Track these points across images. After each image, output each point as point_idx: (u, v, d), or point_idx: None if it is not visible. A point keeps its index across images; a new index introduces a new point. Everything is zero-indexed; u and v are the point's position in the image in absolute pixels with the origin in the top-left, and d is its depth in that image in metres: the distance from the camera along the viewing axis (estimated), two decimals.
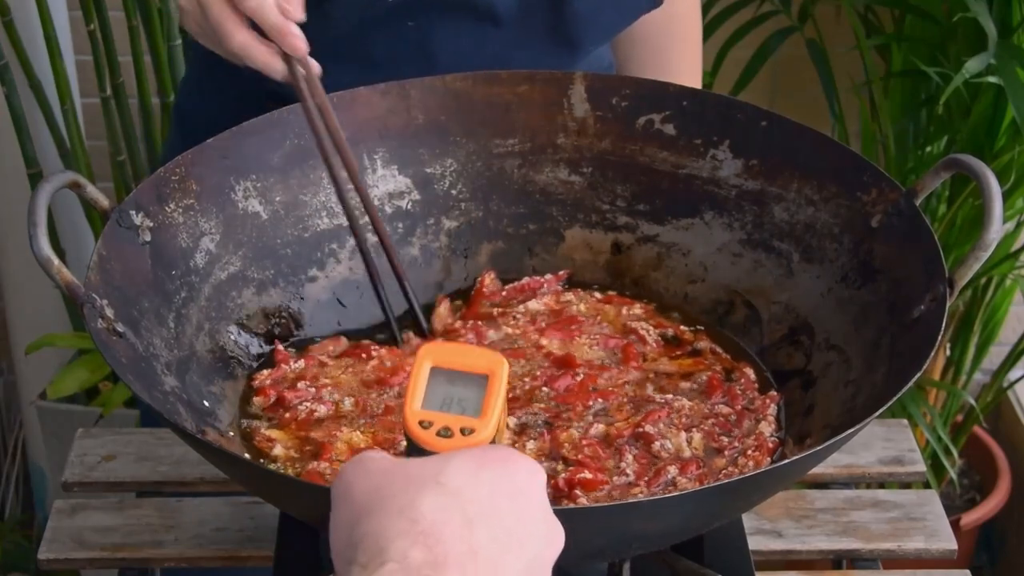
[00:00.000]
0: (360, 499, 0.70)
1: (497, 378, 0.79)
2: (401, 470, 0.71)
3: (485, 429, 0.77)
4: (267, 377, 1.08)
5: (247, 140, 1.12)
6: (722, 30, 2.01)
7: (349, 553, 0.68)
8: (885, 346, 1.02)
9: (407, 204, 1.19)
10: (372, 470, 0.71)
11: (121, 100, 2.05)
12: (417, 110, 1.18)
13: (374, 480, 0.70)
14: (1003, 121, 1.87)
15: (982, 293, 2.04)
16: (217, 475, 1.17)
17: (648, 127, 1.18)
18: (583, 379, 1.06)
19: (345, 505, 0.71)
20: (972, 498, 2.22)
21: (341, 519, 0.71)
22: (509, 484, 0.71)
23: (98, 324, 0.96)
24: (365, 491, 0.70)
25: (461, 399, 0.78)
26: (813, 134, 1.13)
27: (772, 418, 1.04)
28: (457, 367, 0.79)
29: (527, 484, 0.72)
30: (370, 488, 0.70)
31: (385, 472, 0.71)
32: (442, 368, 0.79)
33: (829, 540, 1.14)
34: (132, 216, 1.04)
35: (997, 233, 0.98)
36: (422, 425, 0.77)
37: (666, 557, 1.02)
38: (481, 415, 0.77)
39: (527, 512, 0.71)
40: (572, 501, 0.95)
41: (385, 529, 0.67)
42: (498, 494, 0.70)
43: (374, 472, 0.71)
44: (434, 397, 0.78)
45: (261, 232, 1.13)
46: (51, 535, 1.14)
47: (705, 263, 1.16)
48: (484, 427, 0.77)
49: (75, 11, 2.08)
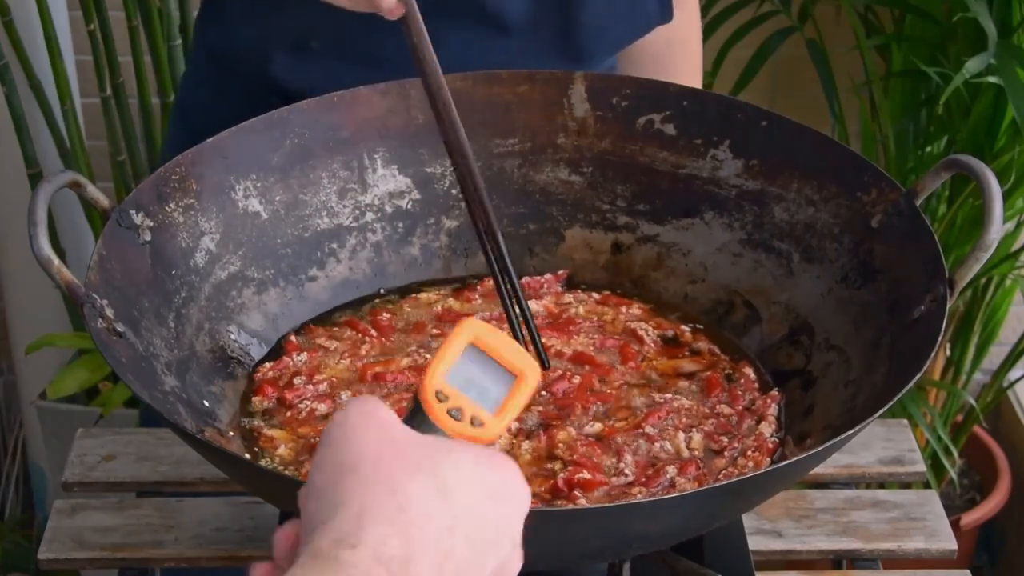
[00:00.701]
0: (355, 456, 0.68)
1: (526, 383, 0.76)
2: (404, 445, 0.69)
3: (495, 428, 0.75)
4: (269, 370, 1.08)
5: (247, 140, 1.12)
6: (722, 30, 2.01)
7: (326, 509, 0.66)
8: (885, 346, 1.02)
9: (407, 204, 1.19)
10: (379, 431, 0.69)
11: (121, 100, 2.05)
12: (417, 110, 1.18)
13: (376, 444, 0.68)
14: (1003, 121, 1.86)
15: (982, 293, 2.04)
16: (217, 475, 1.17)
17: (648, 127, 1.18)
18: (581, 381, 1.06)
19: (340, 451, 0.69)
20: (972, 498, 2.22)
21: (330, 462, 0.69)
22: (501, 494, 0.69)
23: (98, 324, 0.96)
24: (363, 451, 0.68)
25: (484, 389, 0.75)
26: (813, 134, 1.13)
27: (772, 418, 1.04)
28: (493, 355, 0.76)
29: (517, 503, 0.70)
30: (370, 451, 0.68)
31: (391, 441, 0.69)
32: (479, 349, 0.76)
33: (829, 540, 1.14)
34: (132, 216, 1.04)
35: (997, 233, 0.97)
36: (438, 396, 0.74)
37: (666, 557, 1.02)
38: (497, 413, 0.75)
39: (507, 527, 0.69)
40: (571, 501, 0.95)
41: (371, 505, 0.65)
42: (488, 500, 0.68)
43: (380, 435, 0.69)
44: (459, 374, 0.75)
45: (261, 232, 1.13)
46: (51, 535, 1.14)
47: (705, 263, 1.16)
48: (495, 426, 0.75)
49: (75, 11, 2.08)
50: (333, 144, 1.16)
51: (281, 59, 1.22)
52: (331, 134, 1.16)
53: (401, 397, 1.05)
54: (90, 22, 1.99)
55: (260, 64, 1.24)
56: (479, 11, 1.20)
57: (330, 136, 1.16)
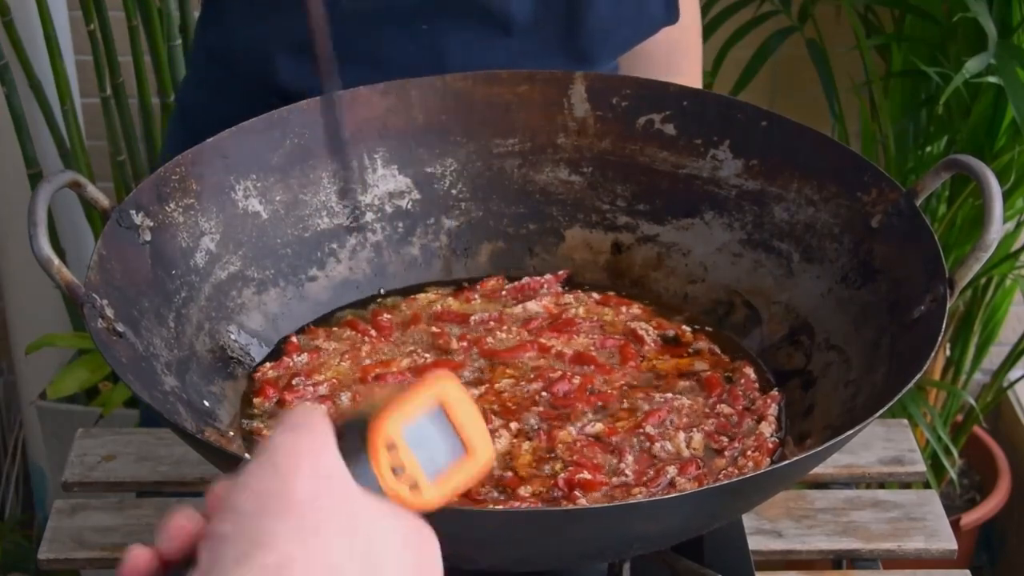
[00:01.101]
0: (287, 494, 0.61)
1: (475, 463, 0.70)
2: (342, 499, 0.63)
3: (430, 499, 0.69)
4: (269, 369, 1.08)
5: (247, 140, 1.12)
6: (722, 30, 2.01)
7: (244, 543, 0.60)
8: (885, 346, 1.02)
9: (407, 204, 1.19)
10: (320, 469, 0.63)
11: (121, 100, 2.05)
12: (417, 110, 1.18)
13: (311, 488, 0.62)
14: (1003, 121, 1.86)
15: (982, 293, 2.04)
16: (217, 475, 1.16)
17: (648, 127, 1.18)
18: (581, 381, 1.06)
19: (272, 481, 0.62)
20: (972, 498, 2.22)
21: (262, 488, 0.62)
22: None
23: (98, 324, 0.96)
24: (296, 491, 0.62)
25: (434, 454, 0.69)
26: (813, 134, 1.13)
27: (772, 418, 1.04)
28: (455, 423, 0.70)
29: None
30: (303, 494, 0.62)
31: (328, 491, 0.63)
32: (446, 415, 0.70)
33: (829, 540, 1.14)
34: (132, 216, 1.04)
35: (997, 233, 0.97)
36: (387, 445, 0.68)
37: (666, 557, 1.02)
38: (436, 482, 0.69)
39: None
40: (572, 502, 0.95)
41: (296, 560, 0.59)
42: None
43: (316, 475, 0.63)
44: (416, 430, 0.69)
45: (261, 232, 1.13)
46: (51, 535, 1.14)
47: (705, 263, 1.16)
48: (431, 497, 0.68)
49: (75, 11, 2.08)
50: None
51: (281, 60, 1.22)
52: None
53: None
54: (90, 22, 1.99)
55: (260, 65, 1.24)
56: (483, 11, 1.20)
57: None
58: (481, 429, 0.71)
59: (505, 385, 1.06)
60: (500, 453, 1.00)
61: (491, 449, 0.71)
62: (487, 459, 0.71)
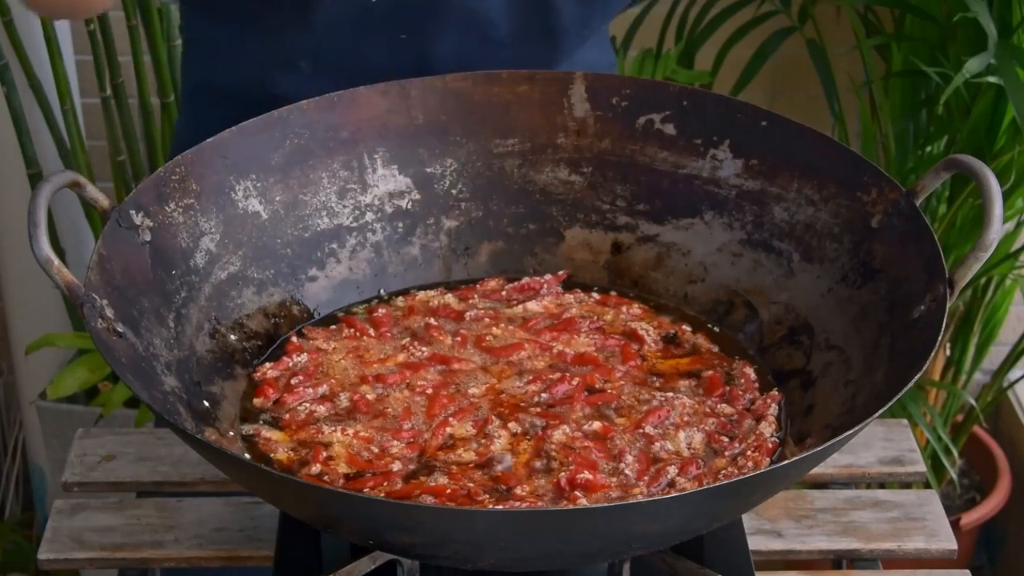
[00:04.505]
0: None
1: None
2: None
3: None
4: (269, 370, 1.08)
5: (247, 140, 1.12)
6: (722, 30, 2.01)
7: None
8: (885, 346, 1.02)
9: (407, 204, 1.19)
10: None
11: (121, 100, 2.05)
12: (417, 110, 1.18)
13: None
14: (1003, 121, 1.86)
15: (982, 293, 2.04)
16: (217, 475, 1.17)
17: (648, 127, 1.18)
18: (581, 381, 1.06)
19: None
20: (972, 498, 2.22)
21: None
22: None
23: (98, 324, 0.96)
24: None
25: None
26: (813, 134, 1.13)
27: (772, 418, 1.04)
28: None
29: None
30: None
31: None
32: None
33: (829, 540, 1.14)
34: (132, 216, 1.04)
35: (997, 233, 0.98)
36: None
37: (666, 557, 1.02)
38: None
39: None
40: (571, 501, 0.95)
41: None
42: None
43: None
44: None
45: (261, 232, 1.13)
46: (51, 535, 1.14)
47: (705, 263, 1.16)
48: None
49: None
50: (333, 144, 1.16)
51: (276, 75, 1.22)
52: (331, 134, 1.16)
53: (402, 397, 1.05)
54: (90, 22, 1.98)
55: (255, 86, 1.23)
56: (468, 16, 1.19)
57: (330, 136, 1.16)
58: None
59: (505, 385, 1.06)
60: (500, 452, 1.00)
61: None
62: None
